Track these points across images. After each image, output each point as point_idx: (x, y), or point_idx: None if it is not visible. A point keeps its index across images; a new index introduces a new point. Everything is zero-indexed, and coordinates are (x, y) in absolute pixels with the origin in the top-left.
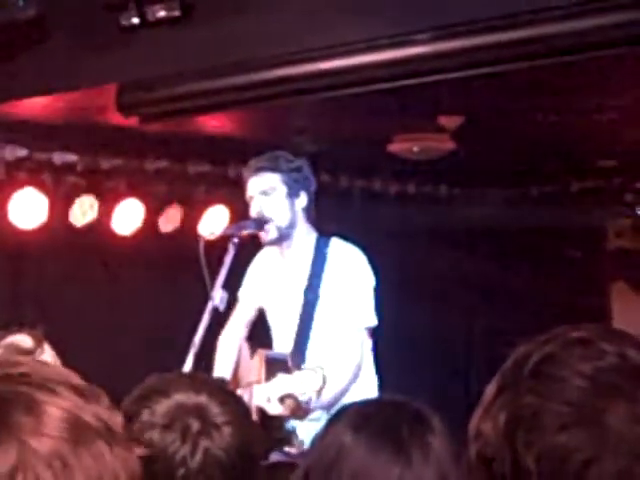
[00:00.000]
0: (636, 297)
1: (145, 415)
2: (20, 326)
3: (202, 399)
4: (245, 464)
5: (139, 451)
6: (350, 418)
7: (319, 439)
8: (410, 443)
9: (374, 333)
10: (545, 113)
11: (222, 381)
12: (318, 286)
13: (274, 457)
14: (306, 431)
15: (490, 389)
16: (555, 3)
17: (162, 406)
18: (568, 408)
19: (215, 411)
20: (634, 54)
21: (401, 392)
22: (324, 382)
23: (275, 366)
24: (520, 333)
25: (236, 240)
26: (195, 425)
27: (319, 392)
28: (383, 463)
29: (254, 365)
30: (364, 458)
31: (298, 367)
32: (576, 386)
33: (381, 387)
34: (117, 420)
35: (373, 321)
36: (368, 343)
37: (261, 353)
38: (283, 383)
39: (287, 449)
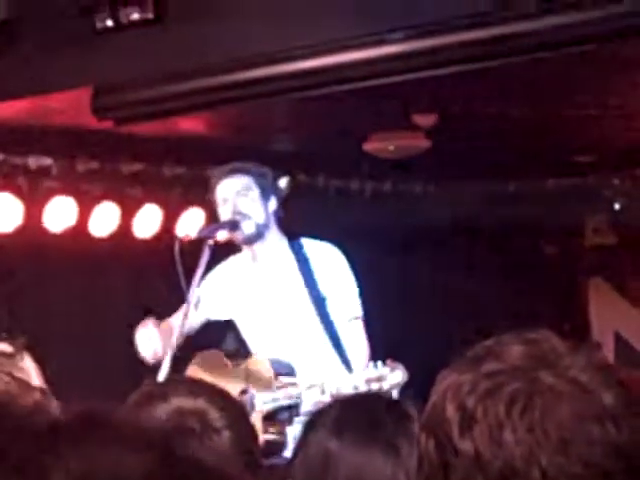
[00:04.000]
0: (613, 293)
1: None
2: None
3: (201, 403)
4: (245, 467)
5: None
6: (329, 422)
7: (301, 448)
8: (395, 436)
9: None
10: (520, 109)
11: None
12: (317, 287)
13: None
14: None
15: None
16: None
17: (161, 410)
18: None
19: (214, 415)
20: (602, 50)
21: None
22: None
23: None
24: (496, 331)
25: (211, 242)
26: (195, 429)
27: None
28: (374, 462)
29: (254, 369)
30: (354, 462)
31: (348, 366)
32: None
33: None
34: None
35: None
36: None
37: (258, 360)
38: (363, 378)
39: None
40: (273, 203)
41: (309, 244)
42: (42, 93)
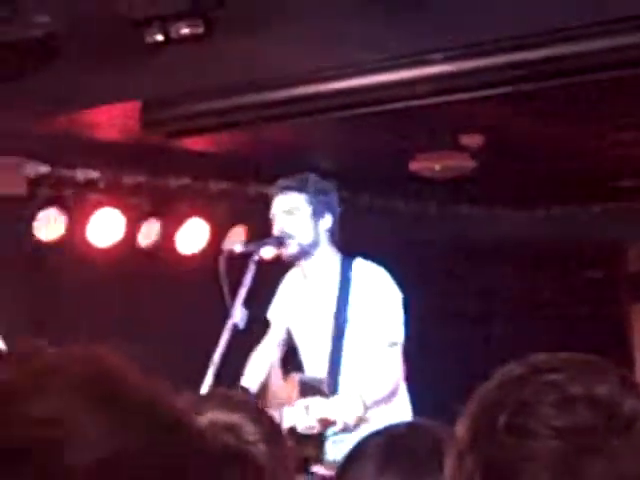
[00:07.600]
0: None
1: None
2: None
3: (235, 417)
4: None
5: None
6: (373, 460)
7: None
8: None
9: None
10: (564, 132)
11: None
12: (346, 309)
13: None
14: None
15: (462, 432)
16: (573, 23)
17: None
18: (545, 470)
19: (248, 429)
20: None
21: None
22: (365, 409)
23: (309, 390)
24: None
25: (256, 258)
26: (230, 442)
27: (360, 419)
28: None
29: (286, 387)
30: None
31: (333, 392)
32: (550, 447)
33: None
34: None
35: (402, 337)
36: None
37: (294, 376)
38: (321, 406)
39: (315, 468)
40: (327, 221)
41: (359, 265)
42: (91, 106)
